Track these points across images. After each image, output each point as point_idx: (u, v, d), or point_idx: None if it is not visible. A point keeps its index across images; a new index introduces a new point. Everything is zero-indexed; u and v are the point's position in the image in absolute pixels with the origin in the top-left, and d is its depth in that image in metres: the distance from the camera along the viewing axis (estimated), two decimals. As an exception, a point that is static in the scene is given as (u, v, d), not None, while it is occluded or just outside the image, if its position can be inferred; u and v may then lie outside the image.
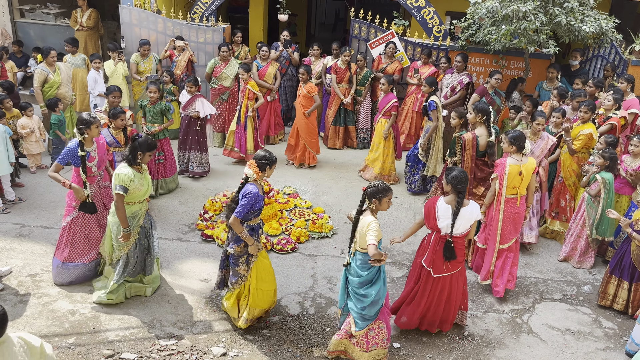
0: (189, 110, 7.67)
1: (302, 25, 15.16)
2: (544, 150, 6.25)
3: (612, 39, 8.03)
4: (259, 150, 4.77)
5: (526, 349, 4.98)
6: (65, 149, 5.12)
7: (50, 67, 7.96)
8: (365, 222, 4.24)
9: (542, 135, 6.23)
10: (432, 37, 9.35)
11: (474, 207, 4.67)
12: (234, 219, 4.52)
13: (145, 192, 4.98)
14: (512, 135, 5.39)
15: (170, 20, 9.39)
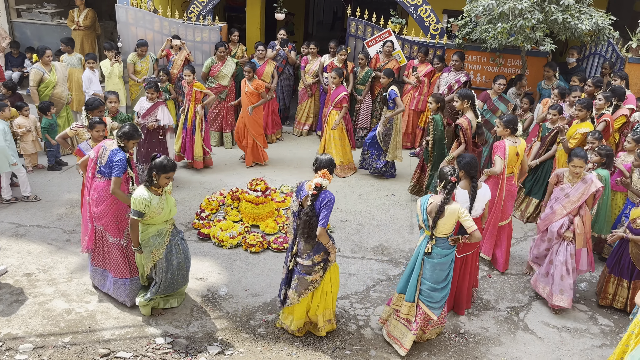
0: (150, 119, 7.15)
1: (300, 24, 15.14)
2: (583, 196, 5.22)
3: (608, 36, 8.02)
4: (321, 155, 4.56)
5: (522, 346, 4.97)
6: (119, 161, 4.82)
7: (46, 66, 7.95)
8: (454, 210, 4.41)
9: (585, 177, 5.25)
10: (429, 35, 9.34)
11: (486, 189, 5.10)
12: (322, 230, 4.36)
13: (168, 214, 4.73)
14: (506, 120, 5.75)
15: (167, 19, 9.38)
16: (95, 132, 5.58)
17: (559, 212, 5.35)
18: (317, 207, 4.39)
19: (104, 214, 4.96)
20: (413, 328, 4.65)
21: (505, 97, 7.69)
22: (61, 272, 5.56)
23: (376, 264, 6.07)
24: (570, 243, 5.29)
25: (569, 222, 5.31)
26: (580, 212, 5.28)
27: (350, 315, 5.21)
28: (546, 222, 5.48)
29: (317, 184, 4.35)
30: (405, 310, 4.67)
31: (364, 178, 8.27)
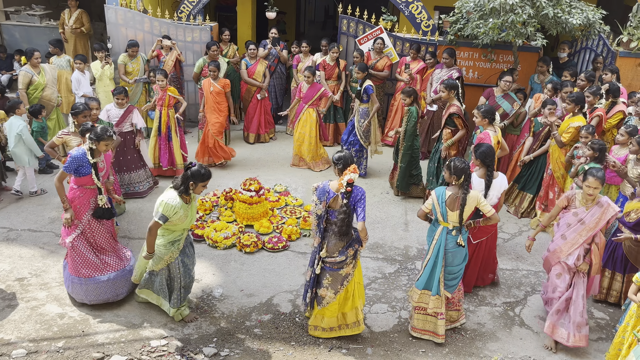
0: (126, 125, 6.92)
1: (292, 23, 15.11)
2: (600, 222, 4.61)
3: (599, 30, 8.03)
4: (342, 153, 4.51)
5: (519, 341, 4.97)
6: (72, 156, 4.81)
7: (35, 68, 7.87)
8: (474, 197, 4.62)
9: (600, 201, 4.66)
10: (421, 32, 9.33)
11: (503, 179, 5.23)
12: (363, 224, 4.43)
13: (188, 223, 4.70)
14: (484, 110, 6.00)
15: (157, 19, 9.32)
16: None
17: (573, 242, 4.69)
18: (352, 203, 4.42)
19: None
20: (441, 316, 4.84)
21: (511, 96, 7.46)
22: (53, 276, 5.50)
23: (372, 262, 6.05)
24: (583, 275, 4.76)
25: (584, 253, 4.73)
26: (595, 240, 4.68)
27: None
28: (559, 254, 4.79)
29: (349, 180, 4.33)
30: (433, 304, 4.76)
31: (359, 179, 8.24)
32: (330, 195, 4.46)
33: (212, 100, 8.03)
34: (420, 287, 4.80)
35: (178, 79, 9.27)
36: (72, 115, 5.91)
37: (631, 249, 5.24)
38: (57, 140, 5.92)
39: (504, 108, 7.46)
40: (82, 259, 4.97)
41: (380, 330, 5.01)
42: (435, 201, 4.62)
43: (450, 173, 4.61)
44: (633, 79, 8.36)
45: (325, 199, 4.47)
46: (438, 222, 4.68)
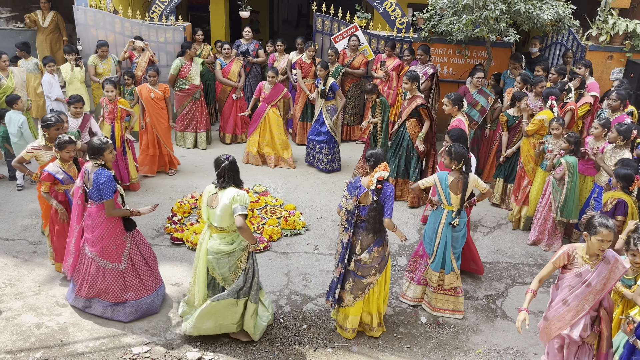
0: (85, 136, 6.47)
1: (265, 22, 15.03)
2: (608, 283, 3.76)
3: (569, 25, 8.20)
4: (376, 150, 4.58)
5: (501, 333, 5.03)
6: (107, 182, 4.55)
7: (3, 71, 7.64)
8: (473, 180, 4.93)
9: (605, 256, 3.79)
10: (395, 29, 9.37)
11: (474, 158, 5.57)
12: (389, 220, 4.49)
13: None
14: (454, 98, 6.23)
15: (128, 20, 9.14)
16: (65, 152, 5.02)
17: (578, 310, 3.82)
18: (381, 200, 4.50)
19: (99, 239, 4.71)
20: (460, 292, 5.17)
21: (485, 91, 7.60)
22: (29, 285, 5.35)
23: (353, 260, 6.05)
24: (591, 347, 3.97)
25: (591, 322, 3.90)
26: (603, 304, 3.86)
27: (330, 313, 5.17)
28: (560, 325, 3.91)
29: (379, 177, 4.41)
30: (449, 280, 5.10)
31: (337, 175, 8.25)
32: (361, 190, 4.52)
33: (155, 107, 7.71)
34: (437, 269, 5.10)
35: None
36: (42, 128, 5.42)
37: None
38: (26, 155, 5.43)
39: (482, 103, 7.57)
40: (130, 281, 4.86)
41: (365, 328, 5.01)
42: (438, 185, 4.92)
43: (451, 158, 4.87)
44: (603, 72, 8.57)
45: (357, 194, 4.52)
46: (442, 208, 4.99)
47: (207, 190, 4.48)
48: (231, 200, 4.28)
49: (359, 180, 4.58)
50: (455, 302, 5.20)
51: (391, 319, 5.14)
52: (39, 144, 5.47)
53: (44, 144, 5.44)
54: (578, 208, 6.17)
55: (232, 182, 4.39)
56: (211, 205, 4.39)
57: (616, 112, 6.45)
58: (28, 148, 5.45)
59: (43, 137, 5.44)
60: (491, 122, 7.77)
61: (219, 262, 4.47)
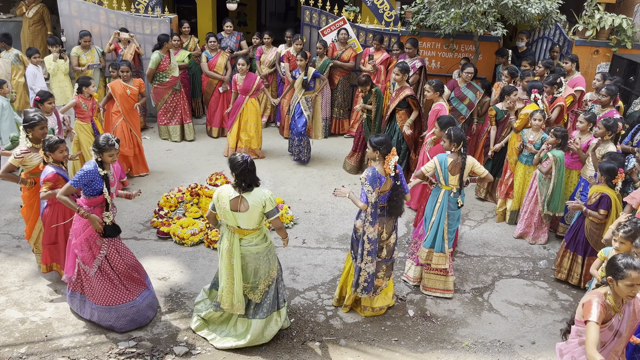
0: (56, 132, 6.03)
1: (252, 14, 14.91)
2: (634, 325, 3.43)
3: (556, 20, 8.23)
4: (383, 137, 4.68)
5: (488, 325, 5.07)
6: (82, 170, 4.37)
7: None
8: (470, 162, 5.15)
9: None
10: (383, 22, 9.35)
11: None
12: (409, 196, 4.86)
13: None
14: (435, 84, 6.44)
15: (113, 11, 9.01)
16: (59, 153, 4.78)
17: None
18: (401, 182, 4.74)
19: (77, 233, 4.58)
20: (450, 272, 5.38)
21: (474, 85, 7.57)
22: (12, 280, 5.27)
23: (342, 254, 6.05)
24: None
25: None
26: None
27: (318, 307, 5.17)
28: None
29: (395, 162, 4.61)
30: (436, 260, 5.29)
31: (325, 168, 8.23)
32: (382, 180, 4.65)
33: (131, 103, 7.39)
34: (427, 246, 5.31)
35: (138, 73, 9.01)
36: (25, 129, 4.95)
37: (592, 232, 5.41)
38: (15, 162, 4.92)
39: (469, 98, 7.56)
40: (109, 286, 4.64)
41: (353, 321, 5.01)
42: (438, 167, 5.14)
43: (450, 141, 5.11)
44: (589, 67, 8.63)
45: (378, 185, 4.62)
46: (439, 187, 5.21)
47: (226, 194, 4.26)
48: (262, 203, 4.22)
49: (376, 172, 4.62)
50: (445, 281, 5.41)
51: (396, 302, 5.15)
52: (26, 147, 4.96)
53: (30, 146, 4.97)
54: (564, 202, 6.22)
55: (252, 183, 4.27)
56: (237, 209, 4.23)
57: (606, 107, 6.50)
58: (16, 153, 4.91)
59: (27, 139, 4.96)
60: (479, 116, 7.79)
61: (259, 262, 4.41)
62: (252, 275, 4.45)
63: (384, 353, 4.66)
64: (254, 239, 4.36)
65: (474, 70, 7.56)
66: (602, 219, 5.28)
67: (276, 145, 9.02)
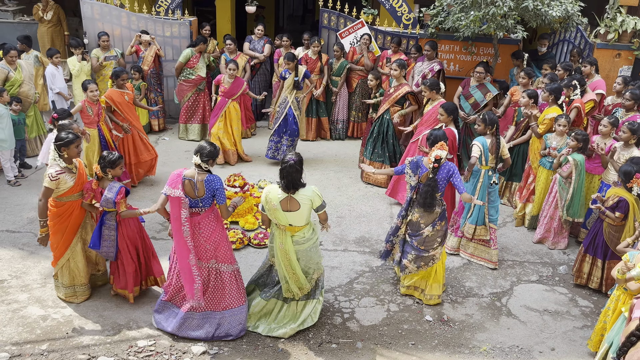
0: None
1: (270, 17, 14.98)
2: None
3: (577, 22, 8.13)
4: (435, 130, 5.22)
5: (506, 330, 5.02)
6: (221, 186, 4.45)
7: (11, 65, 7.64)
8: (503, 142, 5.77)
9: None
10: (402, 25, 9.33)
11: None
12: (465, 195, 4.95)
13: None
14: (430, 83, 6.66)
15: (135, 14, 9.13)
16: (119, 169, 4.76)
17: None
18: (439, 178, 4.85)
19: (218, 244, 4.57)
20: (492, 245, 5.87)
21: (487, 85, 7.63)
22: (34, 278, 5.37)
23: (358, 256, 6.05)
24: None
25: None
26: None
27: (335, 309, 5.18)
28: None
29: (436, 156, 4.74)
30: (479, 232, 5.85)
31: (342, 170, 8.23)
32: (423, 170, 4.95)
33: (131, 108, 7.16)
34: (472, 222, 5.86)
35: (157, 75, 9.13)
36: (59, 148, 4.62)
37: (611, 236, 5.33)
38: (51, 185, 4.58)
39: (476, 98, 7.69)
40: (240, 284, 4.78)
41: (370, 324, 5.01)
42: (482, 149, 5.61)
43: (485, 124, 5.66)
44: (610, 70, 8.51)
45: (419, 174, 4.97)
46: (480, 168, 5.69)
47: (274, 194, 4.40)
48: (311, 200, 4.41)
49: (421, 160, 5.00)
50: (488, 252, 5.90)
51: (396, 315, 5.13)
52: (60, 168, 4.63)
53: (64, 166, 4.66)
54: (584, 207, 6.14)
55: (298, 184, 4.38)
56: (288, 208, 4.39)
57: (630, 111, 6.41)
58: (52, 175, 4.55)
59: (60, 158, 4.64)
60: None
61: (310, 256, 4.60)
62: (304, 268, 4.65)
63: (401, 356, 4.64)
64: (305, 233, 4.53)
65: (485, 71, 7.62)
66: (618, 222, 5.21)
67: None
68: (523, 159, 7.08)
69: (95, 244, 4.79)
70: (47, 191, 4.60)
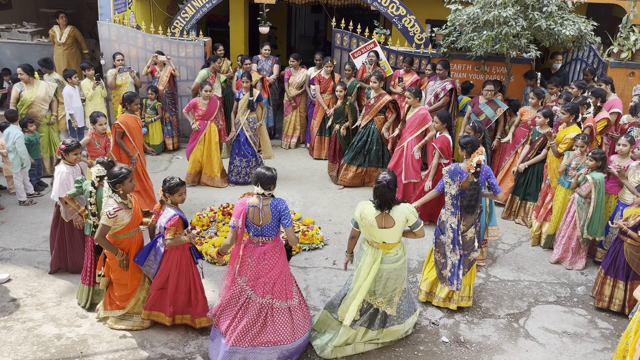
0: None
1: (283, 37, 15.17)
2: None
3: (590, 41, 8.14)
4: (470, 138, 5.25)
5: (525, 353, 4.93)
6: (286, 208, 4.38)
7: (26, 84, 7.78)
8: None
9: None
10: (414, 45, 9.39)
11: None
12: (500, 194, 5.44)
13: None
14: (414, 91, 7.21)
15: (150, 35, 9.29)
16: (178, 195, 4.69)
17: None
18: (480, 181, 5.14)
19: (276, 279, 4.45)
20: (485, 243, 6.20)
21: (496, 102, 7.73)
22: (49, 296, 5.38)
23: (373, 276, 5.99)
24: None
25: None
26: None
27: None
28: None
29: (477, 161, 5.03)
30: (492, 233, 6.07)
31: (355, 189, 8.22)
32: (463, 175, 5.12)
33: (141, 135, 6.94)
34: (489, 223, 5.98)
35: (172, 94, 9.24)
36: (114, 184, 4.54)
37: (633, 256, 5.25)
38: (108, 222, 4.48)
39: (487, 114, 7.76)
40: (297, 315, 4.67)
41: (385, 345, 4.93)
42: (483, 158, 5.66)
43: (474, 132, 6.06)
44: (624, 89, 8.48)
45: (459, 180, 5.10)
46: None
47: (369, 212, 4.41)
48: (406, 217, 4.43)
49: (458, 167, 5.17)
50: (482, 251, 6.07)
51: (412, 336, 5.05)
52: (117, 204, 4.55)
53: (120, 201, 4.57)
54: (603, 225, 6.06)
55: (391, 202, 4.41)
56: (383, 225, 4.42)
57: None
58: (110, 213, 4.45)
59: (115, 193, 4.58)
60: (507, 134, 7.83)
61: (399, 275, 4.59)
62: (383, 288, 4.57)
63: (418, 378, 4.56)
64: (398, 251, 4.56)
65: (494, 88, 7.72)
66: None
67: (306, 165, 9.07)
68: (538, 178, 7.03)
69: (140, 259, 4.77)
70: (105, 229, 4.50)
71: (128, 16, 9.57)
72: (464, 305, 5.40)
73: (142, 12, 10.41)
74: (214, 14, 12.44)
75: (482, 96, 7.83)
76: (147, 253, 4.78)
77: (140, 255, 4.77)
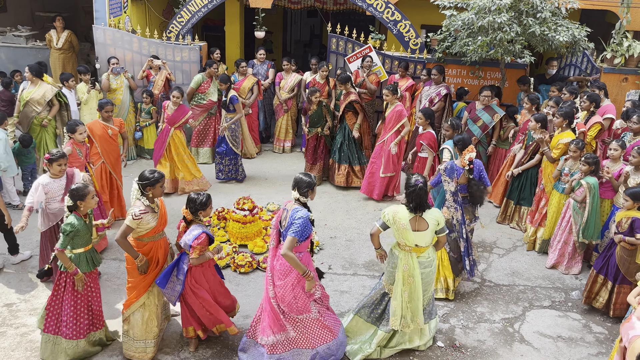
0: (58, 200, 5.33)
1: (278, 42, 15.19)
2: None
3: (584, 47, 8.20)
4: (462, 135, 5.69)
5: (519, 357, 4.94)
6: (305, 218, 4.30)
7: (31, 84, 7.76)
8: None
9: None
10: (409, 50, 9.43)
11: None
12: (490, 187, 5.94)
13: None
14: (392, 88, 7.50)
15: (146, 39, 9.28)
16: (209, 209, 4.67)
17: None
18: (475, 175, 5.49)
19: (285, 290, 4.38)
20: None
21: (493, 108, 7.77)
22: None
23: (368, 280, 6.00)
24: None
25: None
26: None
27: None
28: None
29: (469, 158, 5.36)
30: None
31: (351, 194, 8.23)
32: (460, 172, 5.39)
33: (111, 144, 6.72)
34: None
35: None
36: (145, 187, 4.43)
37: (623, 259, 5.28)
38: (133, 224, 4.37)
39: (484, 120, 7.79)
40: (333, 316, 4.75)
41: (381, 350, 4.93)
42: (452, 153, 6.00)
43: (453, 129, 6.28)
44: (618, 95, 8.54)
45: (456, 177, 5.33)
46: None
47: (403, 215, 4.46)
48: (437, 221, 4.52)
49: (454, 164, 5.37)
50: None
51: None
52: (144, 207, 4.43)
53: (148, 204, 4.45)
54: (599, 229, 6.08)
55: (425, 205, 4.47)
56: (416, 228, 4.48)
57: (638, 135, 6.41)
58: (135, 214, 4.34)
59: (144, 196, 4.46)
60: (502, 140, 7.87)
61: (432, 279, 4.72)
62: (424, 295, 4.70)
63: (413, 383, 4.56)
64: (430, 254, 4.62)
65: (491, 94, 7.76)
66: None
67: (301, 169, 9.07)
68: (532, 183, 7.06)
69: (162, 281, 4.52)
70: (127, 229, 4.36)
71: (123, 20, 9.56)
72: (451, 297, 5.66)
73: (138, 16, 10.41)
74: (209, 18, 12.45)
75: (479, 102, 7.85)
76: (169, 275, 4.53)
77: (161, 277, 4.52)
